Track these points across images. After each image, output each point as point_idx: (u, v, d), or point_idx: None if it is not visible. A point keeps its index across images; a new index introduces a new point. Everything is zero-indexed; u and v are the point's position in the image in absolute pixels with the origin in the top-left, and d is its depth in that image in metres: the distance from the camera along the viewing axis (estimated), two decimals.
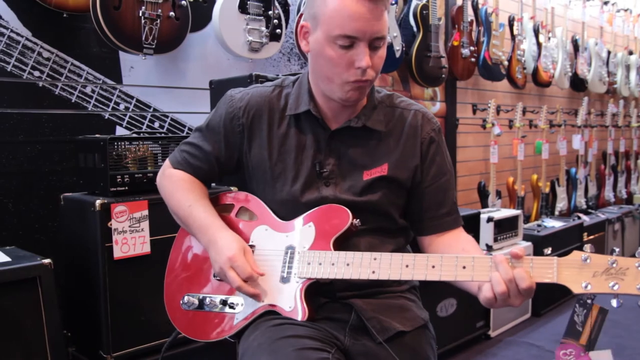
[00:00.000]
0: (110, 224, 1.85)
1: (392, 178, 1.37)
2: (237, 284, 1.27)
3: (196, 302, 1.39)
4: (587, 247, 1.10)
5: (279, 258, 1.33)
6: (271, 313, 1.31)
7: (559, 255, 1.11)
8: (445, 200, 1.41)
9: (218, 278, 1.38)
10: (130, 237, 1.89)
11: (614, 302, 1.08)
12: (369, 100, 1.40)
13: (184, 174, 1.47)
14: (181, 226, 1.47)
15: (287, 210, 1.38)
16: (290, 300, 1.29)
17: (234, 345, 1.35)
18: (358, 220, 1.33)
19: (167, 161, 1.52)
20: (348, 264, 1.25)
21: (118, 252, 1.86)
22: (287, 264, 1.32)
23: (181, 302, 1.41)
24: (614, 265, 1.07)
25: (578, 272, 1.09)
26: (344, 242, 1.33)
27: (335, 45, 1.24)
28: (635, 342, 3.24)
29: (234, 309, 1.35)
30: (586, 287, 1.07)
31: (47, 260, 1.68)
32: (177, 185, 1.45)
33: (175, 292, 1.43)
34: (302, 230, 1.34)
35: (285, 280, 1.30)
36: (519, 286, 1.10)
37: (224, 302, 1.36)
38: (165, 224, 1.91)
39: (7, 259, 1.70)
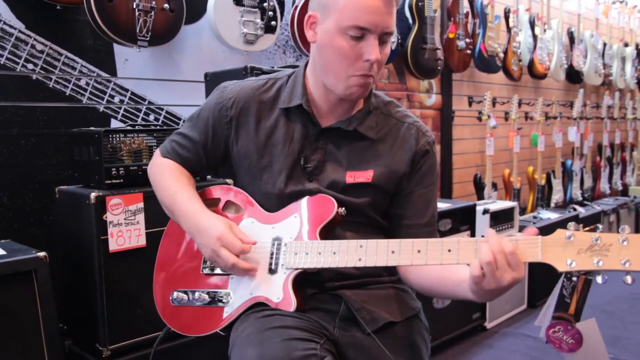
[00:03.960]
0: (106, 217, 1.85)
1: (376, 186, 1.37)
2: (231, 261, 1.27)
3: (185, 297, 1.39)
4: (571, 225, 1.09)
5: (266, 250, 1.33)
6: (260, 305, 1.31)
7: None
8: (425, 211, 1.41)
9: (207, 271, 1.39)
10: (125, 230, 1.89)
11: (599, 279, 1.08)
12: (365, 104, 1.39)
13: (172, 163, 1.48)
14: (167, 214, 1.47)
15: (272, 202, 1.39)
16: (278, 291, 1.29)
17: (226, 338, 1.35)
18: (343, 208, 1.33)
19: (157, 150, 1.53)
20: (334, 252, 1.25)
21: (113, 245, 1.86)
22: (274, 255, 1.32)
23: (170, 298, 1.41)
24: (598, 241, 1.06)
25: (562, 250, 1.08)
26: (330, 233, 1.33)
27: (346, 35, 1.24)
28: (630, 332, 3.26)
29: (223, 302, 1.35)
30: (571, 264, 1.07)
31: (42, 254, 1.67)
32: (164, 173, 1.47)
33: (164, 288, 1.44)
34: (288, 221, 1.35)
35: (272, 271, 1.31)
36: (508, 258, 1.08)
37: (212, 296, 1.36)
38: (160, 217, 1.87)
39: (2, 252, 1.70)
